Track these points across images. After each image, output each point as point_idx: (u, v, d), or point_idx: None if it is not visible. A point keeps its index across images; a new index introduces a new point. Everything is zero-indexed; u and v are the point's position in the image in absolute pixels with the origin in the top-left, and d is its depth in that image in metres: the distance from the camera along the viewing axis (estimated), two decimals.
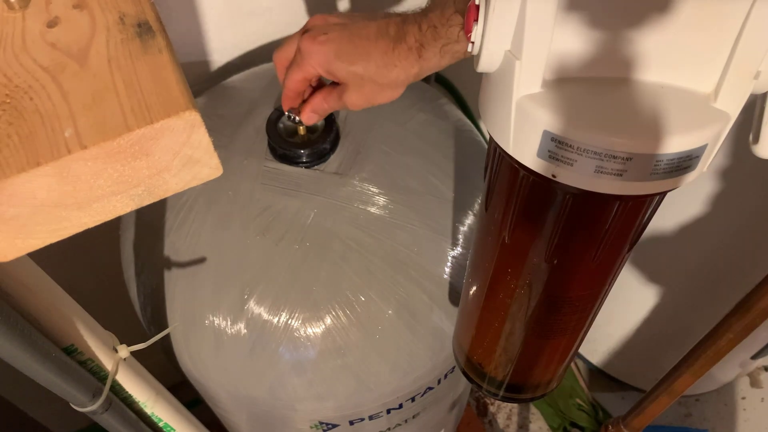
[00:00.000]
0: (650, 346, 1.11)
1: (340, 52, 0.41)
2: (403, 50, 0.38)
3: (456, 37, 0.35)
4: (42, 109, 0.27)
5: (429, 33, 0.36)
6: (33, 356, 0.36)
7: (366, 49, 0.40)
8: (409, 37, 0.38)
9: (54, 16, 0.32)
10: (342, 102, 0.44)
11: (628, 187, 0.27)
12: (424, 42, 0.37)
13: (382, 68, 0.39)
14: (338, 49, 0.41)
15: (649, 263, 0.96)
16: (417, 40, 0.37)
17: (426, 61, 0.38)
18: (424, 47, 0.37)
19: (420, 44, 0.37)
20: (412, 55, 0.38)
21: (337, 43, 0.41)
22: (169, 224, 0.55)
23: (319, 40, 0.42)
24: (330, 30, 0.42)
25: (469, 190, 0.58)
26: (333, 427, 0.60)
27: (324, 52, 0.41)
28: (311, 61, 0.43)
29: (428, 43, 0.37)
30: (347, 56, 0.41)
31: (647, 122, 0.26)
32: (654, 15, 0.26)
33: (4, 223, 0.26)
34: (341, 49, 0.41)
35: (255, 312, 0.50)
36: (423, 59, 0.38)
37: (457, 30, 0.35)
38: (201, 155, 0.29)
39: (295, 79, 0.45)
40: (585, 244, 0.33)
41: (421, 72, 0.39)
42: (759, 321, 0.56)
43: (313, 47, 0.42)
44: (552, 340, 0.43)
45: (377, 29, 0.40)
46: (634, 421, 0.80)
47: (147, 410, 0.51)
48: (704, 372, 0.66)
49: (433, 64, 0.38)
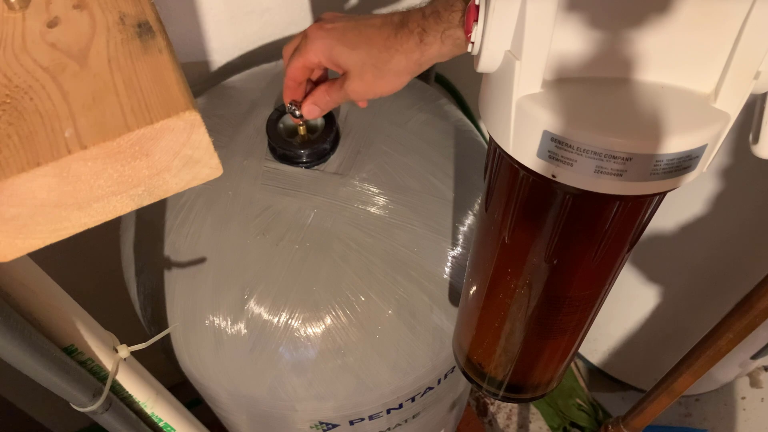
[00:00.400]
0: (650, 346, 1.11)
1: (344, 38, 0.42)
2: (405, 34, 0.39)
3: (457, 23, 0.36)
4: (42, 109, 0.27)
5: (431, 18, 0.37)
6: (33, 356, 0.36)
7: (368, 35, 0.40)
8: (411, 22, 0.38)
9: (54, 16, 0.32)
10: (344, 92, 0.44)
11: (627, 187, 0.27)
12: (426, 27, 0.38)
13: (383, 52, 0.40)
14: (342, 35, 0.42)
15: (649, 263, 0.96)
16: (419, 24, 0.38)
17: (427, 47, 0.38)
18: (426, 32, 0.38)
19: (422, 29, 0.38)
20: (413, 39, 0.38)
21: (341, 30, 0.42)
22: (169, 224, 0.55)
23: (325, 27, 0.43)
24: (338, 20, 0.43)
25: (469, 190, 0.58)
26: (333, 427, 0.60)
27: (328, 38, 0.42)
28: (314, 47, 0.43)
29: (430, 28, 0.37)
30: (350, 42, 0.41)
31: (647, 122, 0.26)
32: (654, 15, 0.26)
33: (4, 223, 0.26)
34: (345, 36, 0.42)
35: (255, 312, 0.50)
36: (424, 44, 0.38)
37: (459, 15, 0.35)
38: (201, 155, 0.29)
39: (295, 66, 0.46)
40: (585, 244, 0.33)
41: (422, 59, 0.39)
42: (759, 321, 0.56)
43: (319, 33, 0.43)
44: (552, 340, 0.43)
45: (382, 19, 0.41)
46: (634, 421, 0.80)
47: (147, 410, 0.51)
48: (704, 372, 0.66)
49: (435, 50, 0.38)
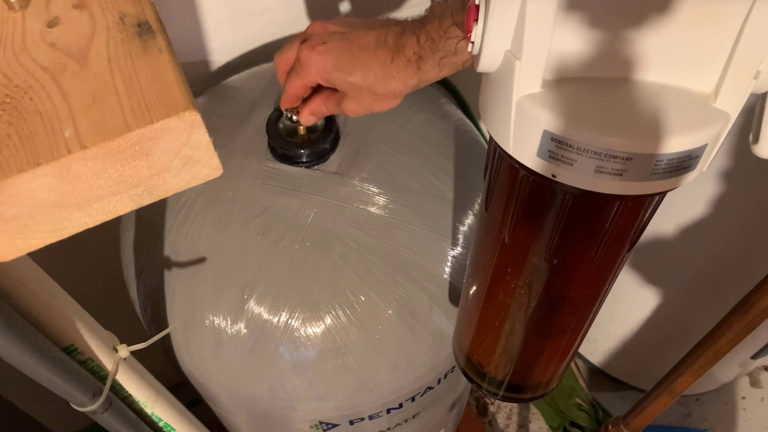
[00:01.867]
0: (650, 346, 1.11)
1: (339, 63, 0.41)
2: (402, 62, 0.38)
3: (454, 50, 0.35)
4: (42, 109, 0.27)
5: (427, 46, 0.36)
6: (33, 356, 0.36)
7: (364, 60, 0.40)
8: (407, 49, 0.38)
9: (54, 16, 0.32)
10: (340, 109, 0.44)
11: (628, 187, 0.27)
12: (422, 55, 0.37)
13: (380, 79, 0.39)
14: (337, 59, 0.41)
15: (649, 263, 0.96)
16: (415, 52, 0.37)
17: (424, 73, 0.38)
18: (423, 60, 0.37)
19: (418, 56, 0.37)
20: (411, 67, 0.38)
21: (335, 53, 0.41)
22: (169, 224, 0.55)
23: (317, 50, 0.41)
24: (329, 39, 0.42)
25: (469, 190, 0.58)
26: (333, 426, 0.60)
27: (323, 63, 0.41)
28: (310, 71, 0.43)
29: (426, 56, 0.37)
30: (346, 67, 0.40)
31: (647, 122, 0.26)
32: (654, 15, 0.26)
33: (4, 223, 0.26)
34: (340, 60, 0.41)
35: (255, 312, 0.50)
36: (421, 71, 0.38)
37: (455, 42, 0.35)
38: (201, 155, 0.29)
39: (295, 86, 0.46)
40: (585, 244, 0.33)
41: (419, 83, 0.39)
42: (759, 321, 0.56)
43: (312, 57, 0.42)
44: (552, 340, 0.43)
45: (376, 39, 0.40)
46: (634, 420, 0.80)
47: (147, 410, 0.51)
48: (704, 372, 0.66)
49: (432, 75, 0.38)
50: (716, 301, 0.86)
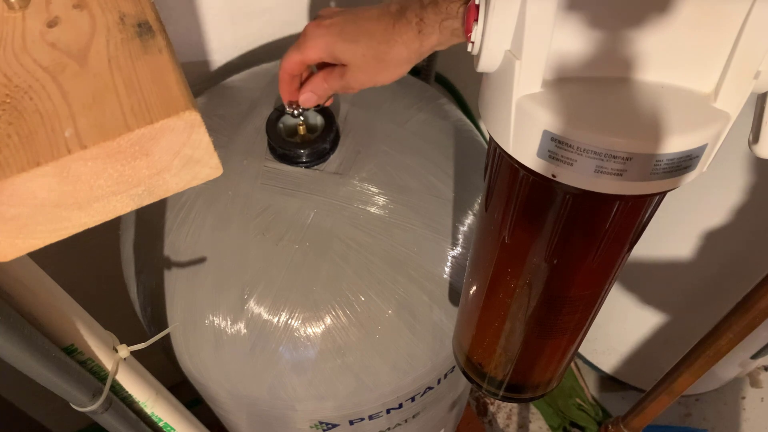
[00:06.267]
0: (650, 346, 1.11)
1: (343, 33, 0.42)
2: (404, 25, 0.39)
3: (455, 13, 0.36)
4: (42, 109, 0.27)
5: (430, 7, 0.37)
6: (33, 356, 0.36)
7: (368, 28, 0.41)
8: (409, 12, 0.39)
9: (54, 16, 0.32)
10: (344, 81, 0.44)
11: (628, 187, 0.27)
12: (424, 16, 0.38)
13: (383, 44, 0.40)
14: (341, 30, 0.42)
15: (649, 264, 0.96)
16: (417, 14, 0.38)
17: (426, 37, 0.39)
18: (424, 21, 0.38)
19: (420, 18, 0.38)
20: (412, 29, 0.39)
21: (340, 25, 0.42)
22: (169, 224, 0.55)
23: (323, 24, 0.43)
24: (335, 16, 0.43)
25: (469, 190, 0.58)
26: (333, 426, 0.60)
27: (328, 35, 0.43)
28: (314, 44, 0.43)
29: (428, 18, 0.38)
30: (349, 36, 0.42)
31: (647, 122, 0.26)
32: (654, 15, 0.26)
33: (4, 223, 0.26)
34: (344, 31, 0.42)
35: (255, 312, 0.50)
36: (423, 34, 0.38)
37: (458, 5, 0.35)
38: (201, 155, 0.29)
39: (293, 60, 0.46)
40: (585, 244, 0.33)
41: (422, 48, 0.40)
42: (759, 321, 0.56)
43: (318, 30, 0.43)
44: (552, 340, 0.43)
45: (379, 10, 0.41)
46: (634, 420, 0.80)
47: (147, 410, 0.51)
48: (704, 372, 0.66)
49: (434, 40, 0.39)
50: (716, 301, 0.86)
